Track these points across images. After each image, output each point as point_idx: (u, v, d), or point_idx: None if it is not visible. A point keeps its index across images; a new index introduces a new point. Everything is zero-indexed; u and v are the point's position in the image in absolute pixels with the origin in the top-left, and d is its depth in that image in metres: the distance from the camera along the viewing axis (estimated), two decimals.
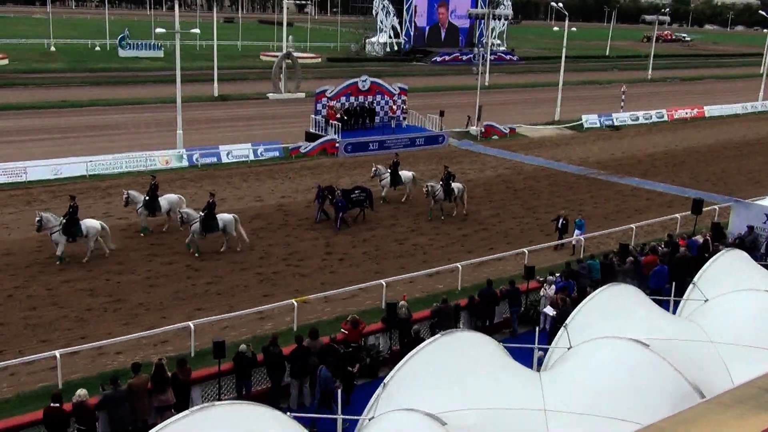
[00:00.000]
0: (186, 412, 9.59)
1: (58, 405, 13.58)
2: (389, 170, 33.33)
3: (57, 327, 19.80)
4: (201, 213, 25.66)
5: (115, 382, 14.57)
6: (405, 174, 33.58)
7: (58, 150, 38.66)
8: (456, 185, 31.32)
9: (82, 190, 32.61)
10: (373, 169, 33.34)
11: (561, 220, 27.56)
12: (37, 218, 24.16)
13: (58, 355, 16.41)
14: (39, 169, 34.02)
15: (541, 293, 20.76)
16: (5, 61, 75.41)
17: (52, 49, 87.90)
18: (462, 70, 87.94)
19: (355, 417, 11.01)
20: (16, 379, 17.05)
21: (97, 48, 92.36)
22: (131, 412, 14.57)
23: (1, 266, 23.67)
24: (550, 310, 19.82)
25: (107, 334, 19.12)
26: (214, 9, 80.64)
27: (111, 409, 14.38)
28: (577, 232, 27.37)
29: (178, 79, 39.72)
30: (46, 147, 40.05)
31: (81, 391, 13.99)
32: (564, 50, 59.43)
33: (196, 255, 25.26)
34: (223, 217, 26.00)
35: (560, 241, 27.37)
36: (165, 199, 27.74)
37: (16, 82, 64.55)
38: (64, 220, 24.30)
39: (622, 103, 60.67)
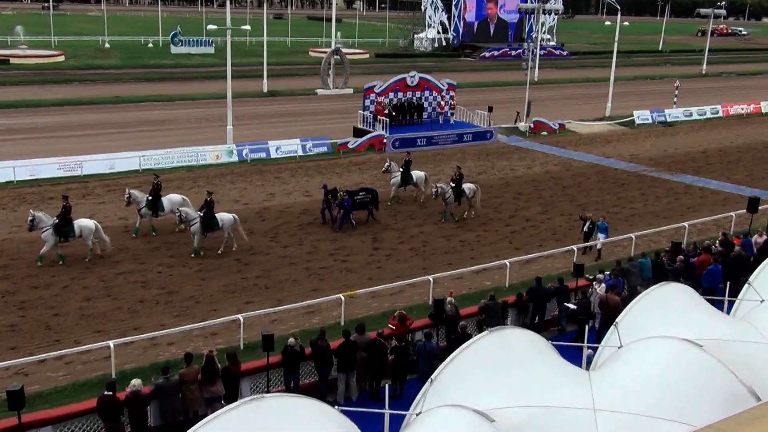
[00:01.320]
0: (236, 403, 9.73)
1: (112, 393, 13.92)
2: (401, 169, 32.16)
3: (111, 318, 20.28)
4: (200, 213, 25.19)
5: (167, 372, 14.87)
6: (417, 173, 32.39)
7: (113, 144, 39.51)
8: (468, 186, 30.20)
9: (136, 184, 33.18)
10: (386, 164, 32.26)
11: (588, 224, 26.56)
12: (30, 217, 23.68)
13: (111, 345, 16.80)
14: (94, 163, 34.81)
15: (590, 291, 20.48)
16: (62, 58, 77.25)
17: (107, 45, 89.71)
18: (511, 66, 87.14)
19: (403, 412, 11.03)
20: (71, 368, 17.53)
21: (150, 45, 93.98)
22: (182, 402, 14.85)
23: (59, 258, 24.27)
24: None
25: (159, 325, 19.54)
26: (265, 6, 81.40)
27: (162, 399, 14.69)
28: (600, 235, 26.18)
29: (229, 75, 40.20)
30: (100, 141, 40.97)
31: (135, 381, 14.33)
32: (616, 45, 58.49)
33: (201, 254, 24.96)
34: (223, 216, 25.48)
35: (586, 244, 26.38)
36: (168, 200, 27.05)
37: (72, 78, 66.11)
38: (57, 220, 23.78)
39: (675, 99, 59.44)
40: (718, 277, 21.20)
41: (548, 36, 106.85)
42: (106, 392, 13.95)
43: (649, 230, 28.21)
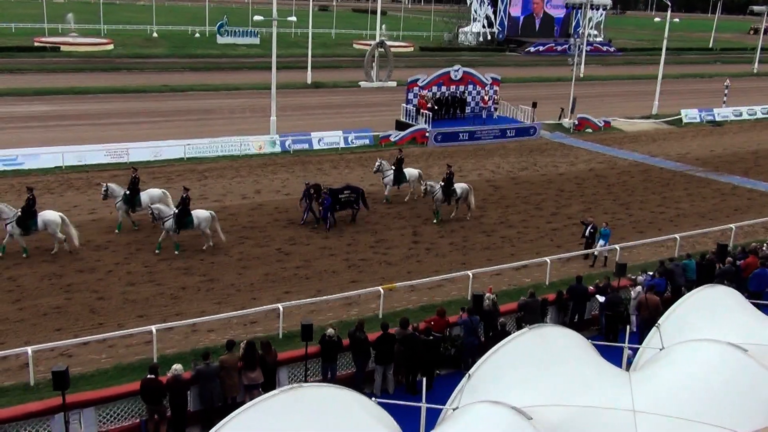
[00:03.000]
0: (276, 391, 9.85)
1: (154, 377, 14.17)
2: (393, 167, 30.93)
3: (153, 303, 20.63)
4: (174, 210, 24.27)
5: (207, 358, 15.07)
6: (410, 171, 31.22)
7: (158, 132, 40.10)
8: (460, 186, 29.07)
9: (180, 172, 33.79)
10: (377, 163, 30.97)
11: (589, 228, 25.39)
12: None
13: (154, 330, 17.10)
14: (140, 151, 35.36)
15: (632, 294, 20.14)
16: (111, 47, 78.55)
17: (155, 35, 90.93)
18: (556, 61, 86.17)
19: (439, 406, 11.03)
20: (114, 351, 17.87)
21: (197, 34, 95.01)
22: (221, 388, 15.05)
23: (104, 243, 24.78)
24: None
25: (200, 312, 19.83)
26: None
27: (202, 384, 14.89)
28: (601, 242, 25.06)
29: (274, 66, 40.49)
30: (146, 130, 41.60)
31: (177, 366, 14.54)
32: (665, 42, 57.44)
33: (176, 252, 24.14)
34: (199, 213, 24.47)
35: (587, 251, 25.21)
36: (147, 194, 25.95)
37: (120, 67, 67.23)
38: (20, 213, 23.10)
39: (725, 98, 58.22)
40: (765, 280, 20.77)
41: (595, 32, 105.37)
42: (149, 375, 14.21)
43: (694, 231, 27.73)
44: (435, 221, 28.64)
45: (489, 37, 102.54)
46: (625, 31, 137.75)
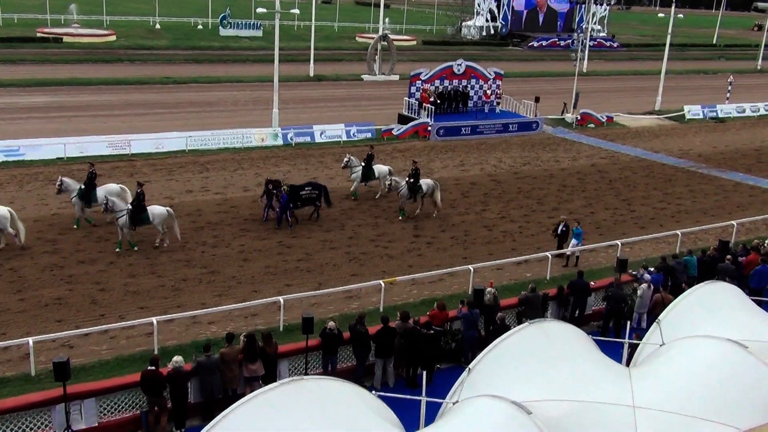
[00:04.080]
0: (277, 383, 9.87)
1: (155, 368, 14.20)
2: (362, 163, 30.08)
3: (154, 295, 20.65)
4: (129, 205, 23.61)
5: (208, 350, 15.10)
6: (380, 168, 30.34)
7: (160, 124, 40.07)
8: (426, 182, 28.36)
9: (182, 164, 33.77)
10: (345, 159, 30.15)
11: (561, 227, 24.73)
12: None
13: (155, 322, 17.12)
14: (142, 142, 35.34)
15: (638, 292, 20.06)
16: (113, 38, 78.36)
17: (157, 26, 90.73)
18: (560, 56, 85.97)
19: (439, 400, 11.06)
20: (115, 342, 17.92)
21: (200, 26, 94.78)
22: (222, 380, 15.08)
23: (105, 234, 24.77)
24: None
25: (201, 304, 19.85)
26: None
27: (203, 376, 14.93)
28: (573, 241, 24.54)
29: (276, 59, 40.44)
30: (148, 121, 41.57)
31: (177, 358, 14.57)
32: (669, 37, 57.28)
33: (134, 249, 23.62)
34: (155, 210, 23.82)
35: (559, 251, 24.43)
36: (103, 189, 25.15)
37: (123, 58, 67.11)
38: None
39: (728, 95, 58.10)
40: (766, 277, 20.76)
41: (599, 27, 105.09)
42: (149, 367, 14.24)
43: (696, 227, 27.72)
44: (400, 218, 27.99)
45: (492, 32, 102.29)
46: (629, 27, 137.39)
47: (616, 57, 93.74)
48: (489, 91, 46.52)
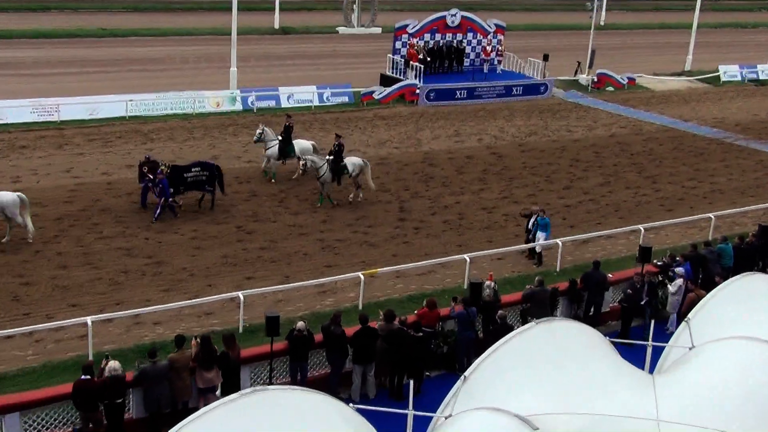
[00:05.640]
0: (235, 395, 9.84)
1: (89, 378, 14.15)
2: (280, 137, 29.18)
3: (89, 290, 20.55)
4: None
5: (154, 355, 15.06)
6: (301, 143, 29.52)
7: (95, 86, 39.75)
8: (352, 161, 27.38)
9: (120, 134, 33.57)
10: (258, 131, 29.10)
11: (534, 219, 23.93)
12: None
13: (89, 322, 17.00)
14: (73, 108, 35.07)
15: (671, 289, 20.16)
16: None
17: None
18: (572, 6, 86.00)
19: (429, 414, 11.11)
20: (42, 347, 17.82)
21: None
22: (171, 391, 15.06)
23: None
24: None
25: (145, 301, 19.80)
26: None
27: (148, 387, 14.90)
28: (540, 234, 23.61)
29: (235, 7, 40.18)
30: (81, 82, 41.23)
31: (114, 364, 14.50)
32: None
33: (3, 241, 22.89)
34: (1, 196, 22.76)
35: (529, 245, 23.99)
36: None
37: (50, 6, 66.36)
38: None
39: None
40: None
41: None
42: (83, 376, 14.17)
43: (732, 210, 27.95)
44: (319, 204, 27.15)
45: None
46: None
47: (639, 7, 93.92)
48: (489, 48, 46.54)
